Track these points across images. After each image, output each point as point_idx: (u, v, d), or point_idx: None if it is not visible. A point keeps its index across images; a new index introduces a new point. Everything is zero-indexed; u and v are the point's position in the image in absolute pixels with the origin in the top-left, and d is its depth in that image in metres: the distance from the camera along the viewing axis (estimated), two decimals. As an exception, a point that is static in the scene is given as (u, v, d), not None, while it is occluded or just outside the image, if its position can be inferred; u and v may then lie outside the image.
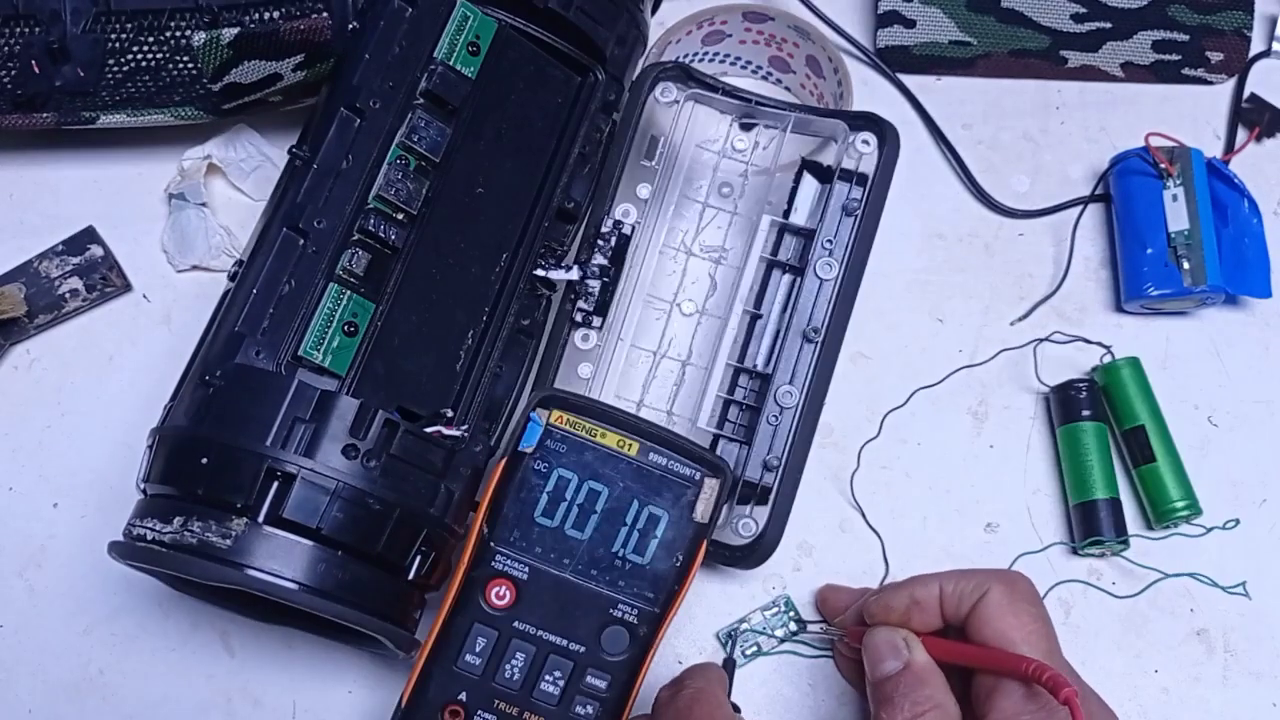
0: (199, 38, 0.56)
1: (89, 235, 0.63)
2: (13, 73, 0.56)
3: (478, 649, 0.50)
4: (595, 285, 0.58)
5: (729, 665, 0.57)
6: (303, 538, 0.47)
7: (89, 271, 0.62)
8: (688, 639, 0.59)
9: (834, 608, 0.57)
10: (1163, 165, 0.64)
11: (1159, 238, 0.63)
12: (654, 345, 0.60)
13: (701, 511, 0.52)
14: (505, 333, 0.55)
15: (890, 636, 0.49)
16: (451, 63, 0.55)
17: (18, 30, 0.55)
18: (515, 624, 0.50)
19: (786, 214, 0.60)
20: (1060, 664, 0.48)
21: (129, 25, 0.56)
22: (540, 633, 0.50)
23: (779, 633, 0.58)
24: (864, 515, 0.61)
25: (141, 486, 0.50)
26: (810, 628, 0.59)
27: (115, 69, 0.57)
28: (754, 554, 0.55)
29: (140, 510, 0.49)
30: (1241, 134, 0.69)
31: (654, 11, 0.65)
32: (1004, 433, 0.63)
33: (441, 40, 0.55)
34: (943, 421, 0.63)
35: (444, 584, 0.52)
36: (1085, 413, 0.61)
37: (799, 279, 0.58)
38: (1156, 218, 0.64)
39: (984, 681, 0.47)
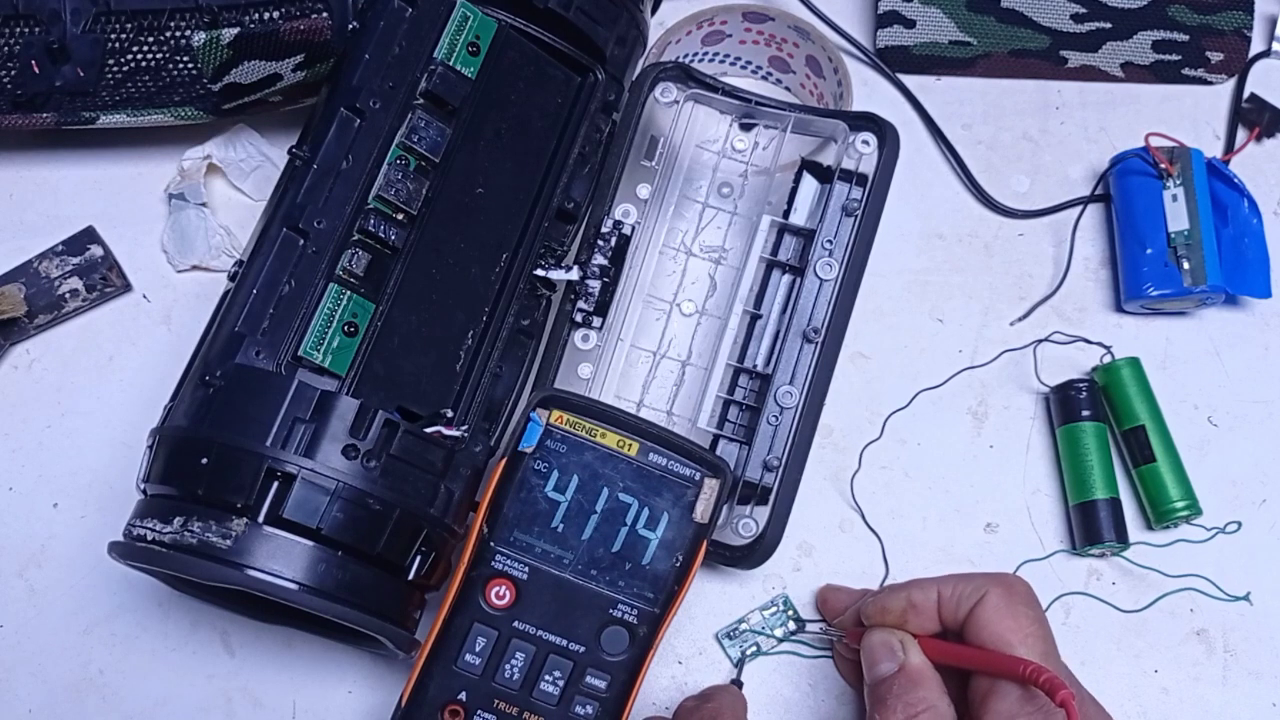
0: (199, 38, 0.56)
1: (89, 235, 0.63)
2: (13, 73, 0.56)
3: (477, 648, 0.50)
4: (595, 285, 0.58)
5: (738, 685, 0.57)
6: (303, 538, 0.47)
7: (89, 271, 0.62)
8: (688, 639, 0.59)
9: (834, 608, 0.57)
10: (1163, 165, 0.64)
11: (1159, 238, 0.63)
12: (654, 345, 0.60)
13: (701, 512, 0.52)
14: (505, 333, 0.55)
15: (886, 638, 0.50)
16: (451, 63, 0.55)
17: (18, 30, 0.55)
18: (515, 624, 0.50)
19: (786, 214, 0.60)
20: (1057, 667, 0.48)
21: (129, 25, 0.56)
22: (540, 632, 0.50)
23: (778, 632, 0.58)
24: (864, 517, 0.61)
25: (141, 486, 0.50)
26: (809, 628, 0.59)
27: (115, 69, 0.57)
28: (754, 554, 0.55)
29: (140, 510, 0.49)
30: (1241, 134, 0.69)
31: (654, 11, 0.65)
32: (1004, 433, 0.63)
33: (441, 40, 0.55)
34: (942, 421, 0.63)
35: (444, 584, 0.52)
36: (1085, 413, 0.61)
37: (799, 279, 0.58)
38: (1156, 218, 0.64)
39: (980, 684, 0.47)
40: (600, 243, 0.58)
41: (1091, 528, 0.60)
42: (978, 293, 0.66)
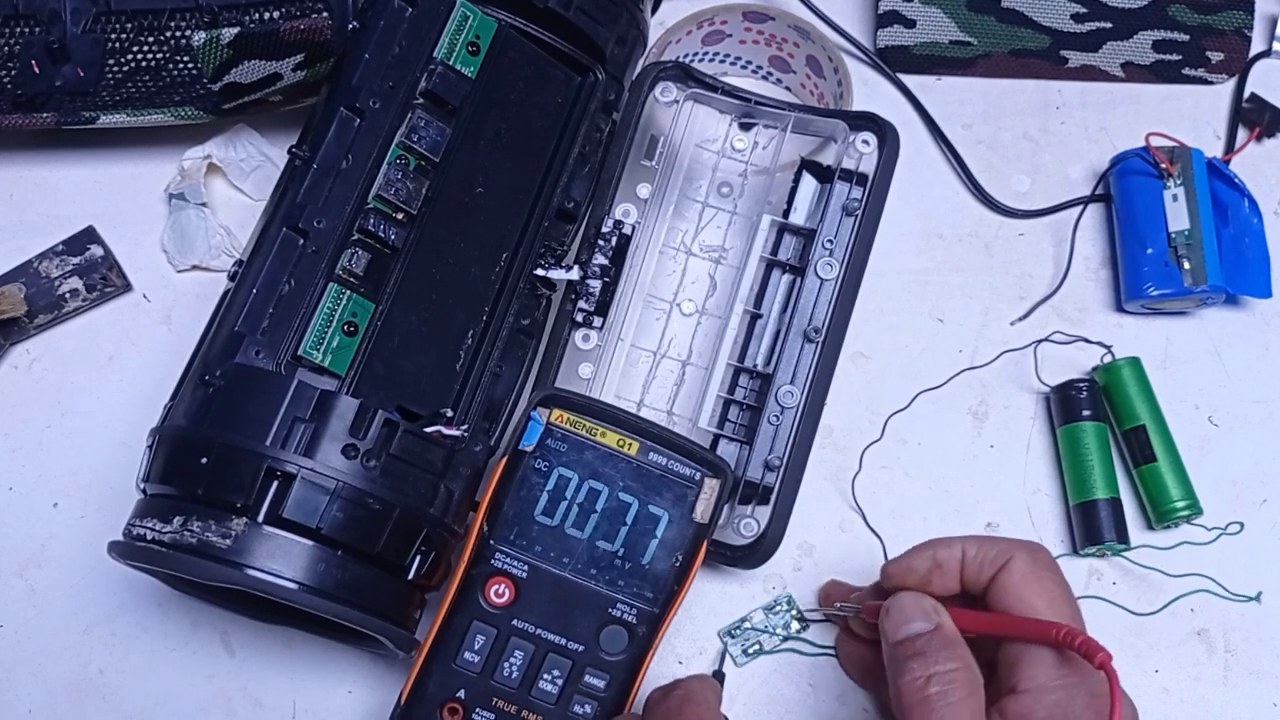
0: (199, 38, 0.56)
1: (89, 235, 0.63)
2: (13, 73, 0.56)
3: (476, 646, 0.50)
4: (595, 285, 0.58)
5: (719, 676, 0.57)
6: (302, 537, 0.47)
7: (89, 271, 0.62)
8: (688, 639, 0.59)
9: (838, 602, 0.57)
10: (1163, 165, 0.64)
11: (1159, 238, 0.63)
12: (654, 345, 0.60)
13: (701, 511, 0.52)
14: (505, 333, 0.55)
15: (919, 601, 0.48)
16: (451, 62, 0.55)
17: (18, 30, 0.55)
18: (514, 622, 0.50)
19: (786, 214, 0.60)
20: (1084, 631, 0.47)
21: (129, 25, 0.56)
22: (539, 631, 0.50)
23: (780, 631, 0.58)
24: (865, 518, 0.61)
25: (141, 486, 0.50)
26: (813, 615, 0.58)
27: (115, 69, 0.57)
28: (755, 554, 0.55)
29: (140, 510, 0.49)
30: (1242, 134, 0.69)
31: (654, 11, 0.65)
32: (1004, 433, 0.63)
33: (441, 40, 0.55)
34: (943, 421, 0.63)
35: (444, 584, 0.52)
36: (1085, 413, 0.61)
37: (799, 279, 0.58)
38: (1157, 218, 0.64)
39: (1010, 651, 0.46)
40: (600, 242, 0.58)
41: (1092, 528, 0.60)
42: (978, 293, 0.66)
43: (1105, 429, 0.61)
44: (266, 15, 0.56)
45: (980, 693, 0.45)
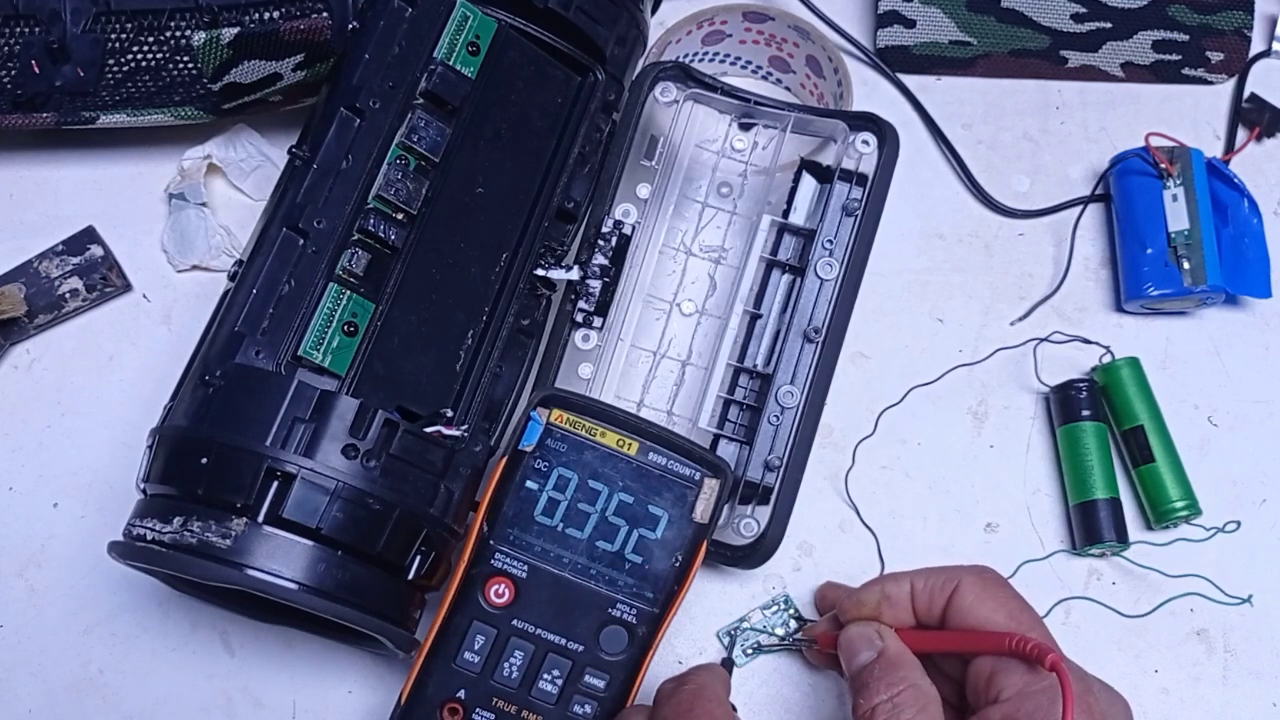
0: (199, 38, 0.56)
1: (89, 235, 0.63)
2: (13, 73, 0.56)
3: (476, 647, 0.50)
4: (595, 285, 0.58)
5: (728, 664, 0.57)
6: (302, 538, 0.47)
7: (89, 271, 0.62)
8: (688, 639, 0.59)
9: (833, 606, 0.57)
10: (1163, 165, 0.64)
11: (1159, 238, 0.63)
12: (654, 345, 0.60)
13: (701, 511, 0.52)
14: (505, 333, 0.55)
15: (863, 630, 0.49)
16: (451, 63, 0.55)
17: (18, 30, 0.55)
18: (514, 622, 0.50)
19: (786, 214, 0.60)
20: (1047, 638, 0.47)
21: (129, 25, 0.56)
22: (539, 631, 0.50)
23: (779, 631, 0.58)
24: (858, 513, 0.61)
25: (141, 486, 0.50)
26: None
27: (115, 69, 0.57)
28: (755, 554, 0.55)
29: (140, 510, 0.49)
30: (1241, 134, 0.69)
31: (654, 11, 0.65)
32: (1004, 433, 0.63)
33: (441, 40, 0.55)
34: (943, 421, 0.63)
35: (444, 584, 0.52)
36: (1085, 413, 0.61)
37: (799, 279, 0.58)
38: (1156, 218, 0.64)
39: (981, 665, 0.47)
40: (600, 242, 0.58)
41: (1092, 528, 0.60)
42: (978, 292, 0.66)
43: (1105, 429, 0.61)
44: (266, 15, 0.56)
45: (933, 706, 0.46)
